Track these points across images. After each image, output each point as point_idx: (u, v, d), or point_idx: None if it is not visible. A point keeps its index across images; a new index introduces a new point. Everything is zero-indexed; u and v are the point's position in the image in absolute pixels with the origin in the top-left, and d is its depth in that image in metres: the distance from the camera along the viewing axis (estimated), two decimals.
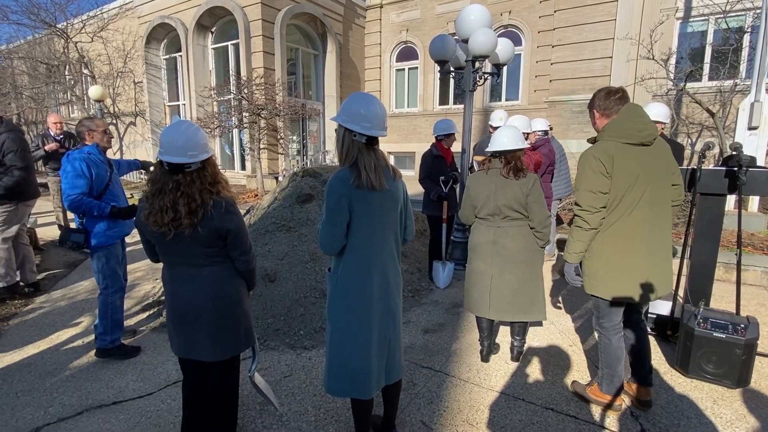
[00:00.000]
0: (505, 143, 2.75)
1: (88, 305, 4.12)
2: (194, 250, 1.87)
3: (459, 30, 4.51)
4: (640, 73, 8.64)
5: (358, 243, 1.88)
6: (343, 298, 1.92)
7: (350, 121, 1.81)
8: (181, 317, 1.96)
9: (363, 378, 1.92)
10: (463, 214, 3.04)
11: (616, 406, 2.45)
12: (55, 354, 3.23)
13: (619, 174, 2.17)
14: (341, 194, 1.80)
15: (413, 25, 13.08)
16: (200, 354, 1.99)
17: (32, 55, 13.78)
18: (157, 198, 1.81)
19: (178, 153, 1.78)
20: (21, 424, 2.44)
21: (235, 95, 10.46)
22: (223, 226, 1.86)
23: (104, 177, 3.07)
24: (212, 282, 1.93)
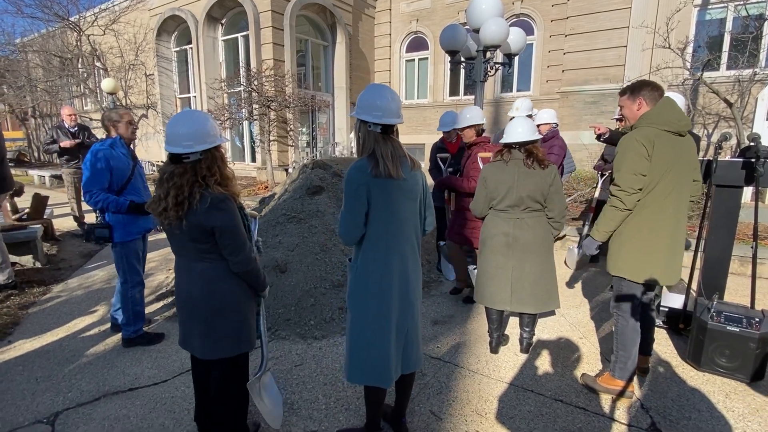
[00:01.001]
0: (524, 134, 2.71)
1: (103, 294, 4.21)
2: (187, 244, 1.86)
3: (470, 19, 4.45)
4: (656, 62, 8.45)
5: (376, 232, 1.89)
6: (362, 288, 1.93)
7: (363, 112, 1.84)
8: (181, 308, 1.99)
9: (383, 367, 1.93)
10: (476, 206, 2.94)
11: (628, 393, 2.48)
12: (72, 341, 3.32)
13: (657, 159, 2.28)
14: (359, 183, 1.81)
15: (423, 15, 12.93)
16: (192, 348, 2.00)
17: (46, 48, 13.94)
18: (158, 187, 1.84)
19: (174, 143, 1.78)
20: (41, 408, 2.52)
21: (245, 87, 10.48)
22: (208, 222, 1.78)
23: (125, 171, 3.03)
24: (204, 279, 1.89)
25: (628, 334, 2.48)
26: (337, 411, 2.44)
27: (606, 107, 9.50)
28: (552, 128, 4.70)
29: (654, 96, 2.38)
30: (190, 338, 1.98)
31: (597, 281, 4.50)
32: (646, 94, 2.39)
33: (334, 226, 4.27)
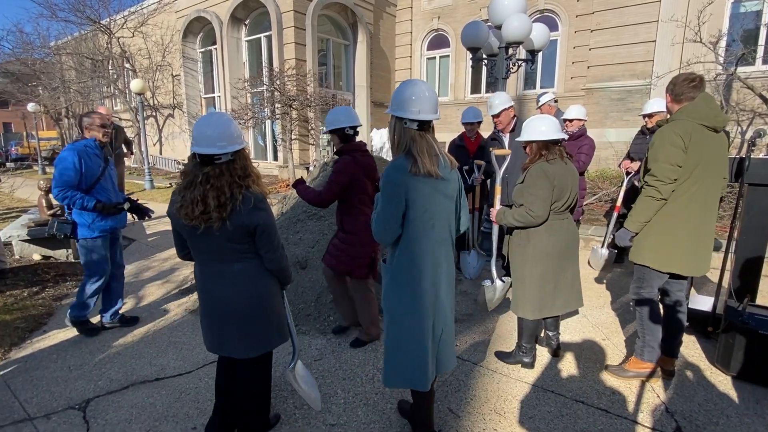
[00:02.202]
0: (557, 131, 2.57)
1: (130, 288, 4.35)
2: (223, 246, 1.83)
3: (492, 16, 4.40)
4: (686, 57, 8.18)
5: (414, 233, 1.83)
6: (398, 290, 1.89)
7: (399, 108, 1.79)
8: (211, 314, 1.95)
9: (421, 369, 1.90)
10: (540, 212, 2.49)
11: (657, 373, 2.61)
12: (102, 332, 3.44)
13: (692, 152, 2.32)
14: (397, 183, 1.76)
15: (445, 12, 12.85)
16: (230, 351, 1.98)
17: (78, 50, 14.48)
18: (189, 190, 1.78)
19: (208, 144, 1.74)
20: (74, 395, 2.63)
21: (267, 87, 10.65)
22: (252, 221, 1.80)
23: (95, 171, 3.17)
24: (242, 279, 1.89)
25: (652, 318, 2.57)
26: (355, 405, 2.47)
27: (633, 104, 9.25)
28: (582, 125, 4.57)
29: (681, 89, 2.42)
30: (225, 342, 1.97)
31: (621, 282, 4.40)
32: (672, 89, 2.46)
33: None
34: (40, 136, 19.37)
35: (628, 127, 9.14)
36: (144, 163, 10.95)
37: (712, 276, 4.00)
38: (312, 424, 2.32)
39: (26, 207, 7.97)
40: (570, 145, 4.57)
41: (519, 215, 2.56)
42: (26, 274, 4.51)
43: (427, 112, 1.78)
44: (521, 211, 2.55)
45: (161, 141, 14.95)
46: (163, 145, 15.07)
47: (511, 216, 2.61)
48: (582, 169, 4.44)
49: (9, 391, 2.68)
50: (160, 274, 4.68)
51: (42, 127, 20.52)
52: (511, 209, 2.68)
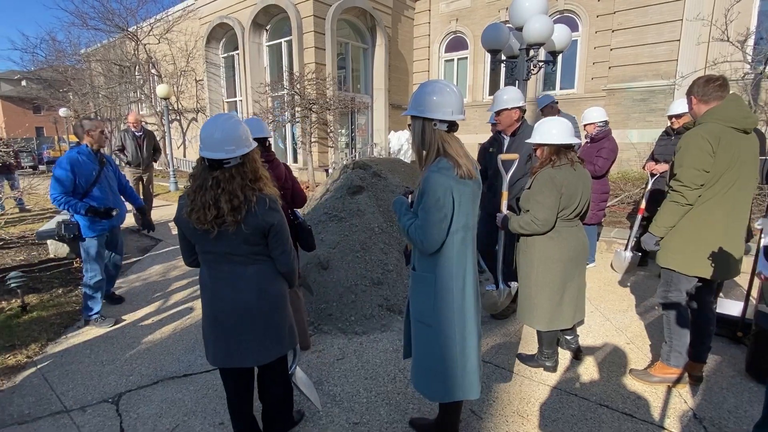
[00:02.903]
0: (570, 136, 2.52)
1: (159, 286, 4.49)
2: (238, 248, 1.80)
3: (513, 17, 4.40)
4: (712, 56, 7.97)
5: (459, 238, 1.77)
6: (446, 302, 1.80)
7: (427, 109, 1.72)
8: (223, 320, 1.86)
9: (475, 377, 1.87)
10: (545, 220, 2.45)
11: (684, 379, 2.58)
12: (132, 329, 3.57)
13: (721, 155, 2.27)
14: (447, 186, 1.68)
15: (463, 15, 12.83)
16: (243, 359, 1.89)
17: (107, 57, 14.98)
18: (198, 194, 1.74)
19: (215, 148, 1.71)
20: (107, 389, 2.74)
21: (288, 91, 10.82)
22: (266, 222, 1.78)
23: (90, 176, 3.43)
24: (257, 281, 1.86)
25: (679, 322, 2.53)
26: (378, 405, 2.50)
27: (656, 104, 9.06)
28: (601, 128, 4.49)
29: (707, 90, 2.38)
30: (236, 351, 1.87)
31: (645, 285, 4.32)
32: (698, 91, 2.41)
33: (375, 225, 4.34)
34: (71, 139, 20.10)
35: (651, 128, 8.96)
36: (169, 166, 11.24)
37: (741, 280, 3.90)
38: (335, 422, 2.37)
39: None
40: (591, 148, 4.50)
41: (524, 222, 2.52)
42: (60, 273, 4.70)
43: (458, 112, 1.74)
44: (527, 218, 2.51)
45: (185, 144, 15.32)
46: (187, 148, 15.45)
47: (516, 223, 2.58)
48: (598, 173, 4.36)
49: (47, 384, 2.81)
50: (185, 274, 4.81)
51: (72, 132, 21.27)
52: (518, 215, 2.63)
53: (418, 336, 1.91)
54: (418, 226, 1.75)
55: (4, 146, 5.89)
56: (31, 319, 3.64)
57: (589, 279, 4.42)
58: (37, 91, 20.35)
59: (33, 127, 34.03)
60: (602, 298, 4.02)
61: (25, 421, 2.45)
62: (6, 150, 5.94)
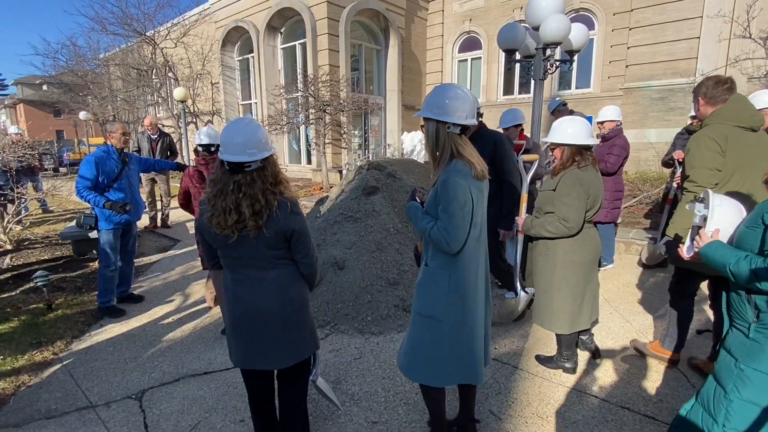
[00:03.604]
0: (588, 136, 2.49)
1: (179, 285, 4.57)
2: (260, 253, 1.78)
3: (529, 17, 4.37)
4: (733, 53, 7.80)
5: (475, 237, 1.82)
6: (458, 298, 1.84)
7: (442, 112, 1.75)
8: (245, 323, 1.86)
9: (478, 365, 1.93)
10: (575, 222, 2.42)
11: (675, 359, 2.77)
12: (153, 327, 3.64)
13: (731, 154, 2.32)
14: (466, 187, 1.73)
15: (477, 15, 12.78)
16: (265, 362, 1.89)
17: (125, 61, 15.27)
18: (219, 199, 1.72)
19: (237, 151, 1.69)
20: (130, 386, 2.81)
21: (302, 93, 10.90)
22: (289, 226, 1.77)
23: (112, 173, 3.71)
24: (279, 285, 1.85)
25: (680, 316, 2.72)
26: (396, 404, 2.51)
27: (675, 103, 8.90)
28: (616, 126, 4.50)
29: (716, 93, 2.44)
30: (258, 353, 1.88)
31: (664, 286, 4.20)
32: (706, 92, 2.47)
33: (390, 226, 4.35)
34: (90, 142, 20.58)
35: (669, 127, 8.79)
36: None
37: None
38: (354, 421, 2.38)
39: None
40: (602, 147, 4.49)
41: (552, 226, 2.46)
42: (84, 272, 4.82)
43: (471, 116, 1.78)
44: (553, 221, 2.45)
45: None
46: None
47: (541, 227, 2.52)
48: (610, 170, 4.37)
49: (72, 380, 2.88)
50: (204, 273, 4.86)
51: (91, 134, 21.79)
52: (541, 219, 2.56)
53: (422, 329, 1.91)
54: (443, 227, 1.75)
55: (30, 149, 6.06)
56: (56, 317, 3.74)
57: (608, 280, 4.39)
58: (58, 95, 20.87)
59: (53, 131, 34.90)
60: (621, 300, 3.96)
61: (53, 416, 2.52)
62: (31, 153, 6.11)
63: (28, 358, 3.12)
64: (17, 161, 5.83)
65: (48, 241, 5.94)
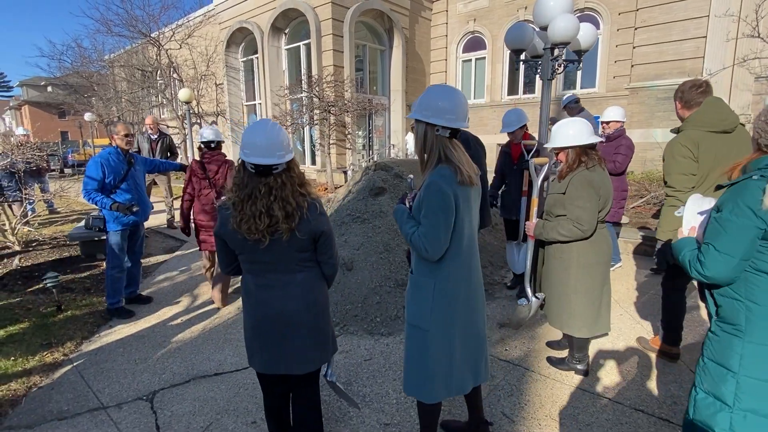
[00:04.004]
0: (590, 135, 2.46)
1: (187, 286, 4.58)
2: (289, 256, 1.76)
3: (537, 16, 4.33)
4: (740, 52, 7.75)
5: (461, 244, 1.79)
6: (445, 306, 1.80)
7: (431, 114, 1.71)
8: (269, 328, 1.82)
9: (462, 377, 1.90)
10: (589, 224, 2.40)
11: (674, 353, 2.87)
12: (162, 328, 3.64)
13: (704, 157, 2.47)
14: (449, 193, 1.68)
15: (481, 15, 12.76)
16: (291, 367, 1.85)
17: (130, 63, 15.33)
18: (248, 204, 1.67)
19: (266, 154, 1.64)
20: (141, 387, 2.81)
21: (307, 94, 10.90)
22: (318, 228, 1.77)
23: (118, 175, 3.72)
24: (306, 288, 1.83)
25: (673, 309, 2.85)
26: (408, 406, 2.49)
27: None
28: (621, 127, 4.51)
29: (690, 96, 2.58)
30: (283, 358, 1.84)
31: None
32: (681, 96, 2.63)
33: (397, 226, 4.34)
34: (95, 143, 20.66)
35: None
36: None
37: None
38: (366, 423, 2.37)
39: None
40: (607, 147, 4.48)
41: (566, 230, 2.43)
42: (92, 273, 4.83)
43: (461, 119, 1.73)
44: (567, 224, 2.43)
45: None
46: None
47: (554, 231, 2.48)
48: (617, 171, 4.37)
49: (83, 381, 2.89)
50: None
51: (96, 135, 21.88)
52: (553, 222, 2.53)
53: (411, 339, 1.87)
54: (422, 233, 1.72)
55: (38, 150, 6.09)
56: (66, 318, 3.75)
57: (617, 281, 4.37)
58: (63, 97, 20.97)
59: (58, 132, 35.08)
60: (631, 301, 3.94)
61: (65, 417, 2.52)
62: (40, 154, 6.14)
63: (38, 359, 3.13)
64: (25, 163, 5.85)
65: (56, 242, 5.96)
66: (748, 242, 1.32)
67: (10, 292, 4.29)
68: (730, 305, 1.40)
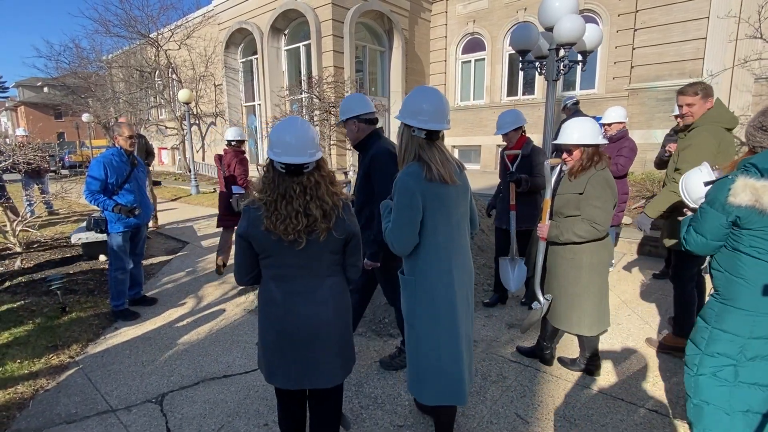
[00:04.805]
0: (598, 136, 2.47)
1: (191, 287, 4.54)
2: (320, 259, 1.70)
3: (542, 17, 4.35)
4: (740, 54, 7.79)
5: (434, 240, 1.79)
6: (427, 304, 1.83)
7: (408, 115, 1.77)
8: (296, 339, 1.72)
9: (459, 383, 1.87)
10: (606, 224, 2.42)
11: None
12: (169, 330, 3.62)
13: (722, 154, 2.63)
14: (414, 190, 1.73)
15: (480, 16, 12.78)
16: (318, 380, 1.77)
17: (128, 63, 15.29)
18: (282, 203, 1.61)
19: (298, 152, 1.59)
20: (149, 389, 2.78)
21: (307, 94, 10.88)
22: (351, 228, 1.71)
23: (121, 176, 3.69)
24: (334, 294, 1.76)
25: (687, 299, 2.93)
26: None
27: None
28: (623, 128, 4.50)
29: None
30: (310, 371, 1.75)
31: None
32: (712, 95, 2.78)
33: None
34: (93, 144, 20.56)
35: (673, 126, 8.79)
36: (190, 170, 11.40)
37: None
38: (380, 425, 2.36)
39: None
40: (609, 148, 4.48)
41: (583, 230, 2.41)
42: (95, 275, 4.78)
43: (436, 121, 1.74)
44: (583, 225, 2.41)
45: (204, 148, 15.53)
46: (206, 152, 15.64)
47: (570, 232, 2.45)
48: (621, 173, 4.36)
49: (90, 383, 2.86)
50: (215, 276, 4.86)
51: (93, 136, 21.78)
52: (568, 224, 2.50)
53: (407, 336, 1.94)
54: (390, 228, 1.78)
55: (39, 151, 6.05)
56: (70, 320, 3.71)
57: (623, 282, 4.38)
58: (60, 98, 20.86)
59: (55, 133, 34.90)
60: (639, 301, 3.94)
61: (73, 420, 2.49)
62: (41, 155, 6.10)
63: (44, 362, 3.09)
64: (26, 164, 5.80)
65: (57, 244, 5.91)
66: (716, 228, 1.69)
67: (14, 294, 4.24)
68: (720, 277, 1.74)
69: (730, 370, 1.70)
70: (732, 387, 1.70)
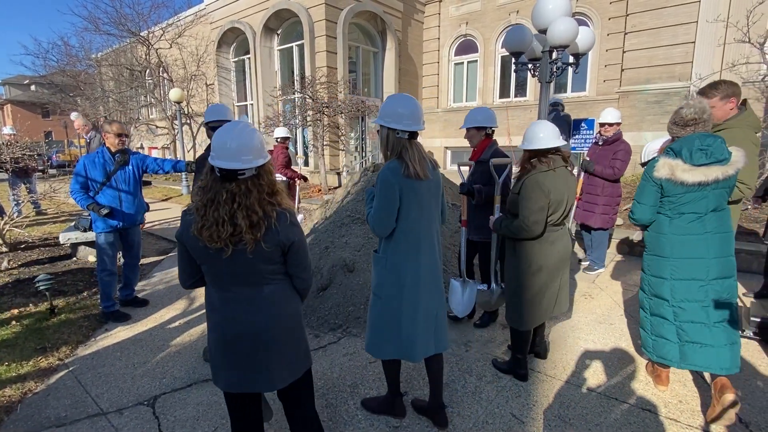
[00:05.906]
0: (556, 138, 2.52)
1: (182, 289, 4.47)
2: (254, 268, 1.65)
3: (536, 19, 4.38)
4: (729, 58, 7.92)
5: (408, 227, 2.08)
6: (394, 278, 2.12)
7: (392, 120, 2.02)
8: (238, 345, 1.70)
9: (412, 344, 2.17)
10: (535, 225, 2.48)
11: None
12: (160, 331, 3.57)
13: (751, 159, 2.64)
14: (392, 183, 2.00)
15: (473, 18, 12.84)
16: (259, 385, 1.75)
17: (118, 62, 15.10)
18: (211, 209, 1.56)
19: (232, 158, 1.55)
20: (141, 392, 2.74)
21: (300, 95, 10.84)
22: (288, 238, 1.65)
23: (103, 175, 3.64)
24: (273, 302, 1.72)
25: None
26: None
27: (671, 106, 9.00)
28: (619, 130, 4.55)
29: None
30: (250, 376, 1.73)
31: None
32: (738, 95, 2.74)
33: None
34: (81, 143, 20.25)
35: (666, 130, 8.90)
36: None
37: None
38: (375, 426, 2.35)
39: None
40: (605, 150, 4.52)
41: (514, 227, 2.56)
42: (84, 275, 4.71)
43: (416, 123, 2.05)
44: (517, 223, 2.54)
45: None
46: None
47: (506, 227, 2.65)
48: (617, 176, 4.40)
49: (80, 386, 2.81)
50: None
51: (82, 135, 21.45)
52: (508, 219, 2.67)
53: (372, 305, 2.24)
54: (372, 214, 2.10)
55: (27, 150, 5.94)
56: (59, 322, 3.65)
57: (617, 283, 4.42)
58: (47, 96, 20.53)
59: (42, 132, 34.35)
60: (630, 302, 3.98)
61: (63, 423, 2.45)
62: (30, 154, 5.99)
63: (33, 365, 3.03)
64: (13, 162, 5.70)
65: (44, 243, 5.82)
66: (651, 194, 2.30)
67: (0, 295, 4.16)
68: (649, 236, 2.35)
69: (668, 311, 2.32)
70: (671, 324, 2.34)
